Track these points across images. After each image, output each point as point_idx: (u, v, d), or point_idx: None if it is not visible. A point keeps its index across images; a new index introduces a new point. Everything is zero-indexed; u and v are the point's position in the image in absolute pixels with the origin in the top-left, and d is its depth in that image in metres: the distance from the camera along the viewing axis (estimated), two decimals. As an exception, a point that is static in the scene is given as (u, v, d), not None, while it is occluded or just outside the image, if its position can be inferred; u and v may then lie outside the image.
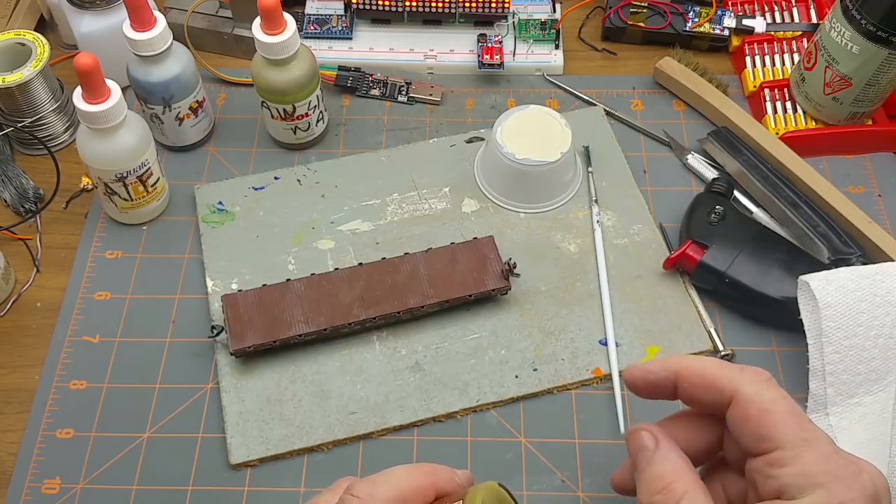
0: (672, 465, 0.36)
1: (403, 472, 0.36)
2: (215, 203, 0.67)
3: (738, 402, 0.35)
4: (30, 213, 0.68)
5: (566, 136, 0.65)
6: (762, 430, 0.34)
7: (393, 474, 0.36)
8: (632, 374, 0.41)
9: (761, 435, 0.34)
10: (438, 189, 0.68)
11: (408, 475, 0.36)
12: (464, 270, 0.61)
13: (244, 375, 0.59)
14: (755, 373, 0.36)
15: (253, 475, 0.56)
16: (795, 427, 0.34)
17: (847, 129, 0.70)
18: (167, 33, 0.64)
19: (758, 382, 0.35)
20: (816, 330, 0.55)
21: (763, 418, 0.34)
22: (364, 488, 0.35)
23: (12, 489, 0.55)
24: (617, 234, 0.65)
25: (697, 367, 0.37)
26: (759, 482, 0.34)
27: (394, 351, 0.60)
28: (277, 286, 0.60)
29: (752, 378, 0.36)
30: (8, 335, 0.62)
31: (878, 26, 0.61)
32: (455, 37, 0.78)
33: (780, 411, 0.34)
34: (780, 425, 0.34)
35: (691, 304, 0.62)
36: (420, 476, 0.36)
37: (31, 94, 0.69)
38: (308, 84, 0.66)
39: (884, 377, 0.55)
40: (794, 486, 0.32)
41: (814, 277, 0.55)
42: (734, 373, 0.36)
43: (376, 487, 0.35)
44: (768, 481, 0.33)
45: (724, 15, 0.77)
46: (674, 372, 0.38)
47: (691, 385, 0.37)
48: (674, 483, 0.35)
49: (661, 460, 0.36)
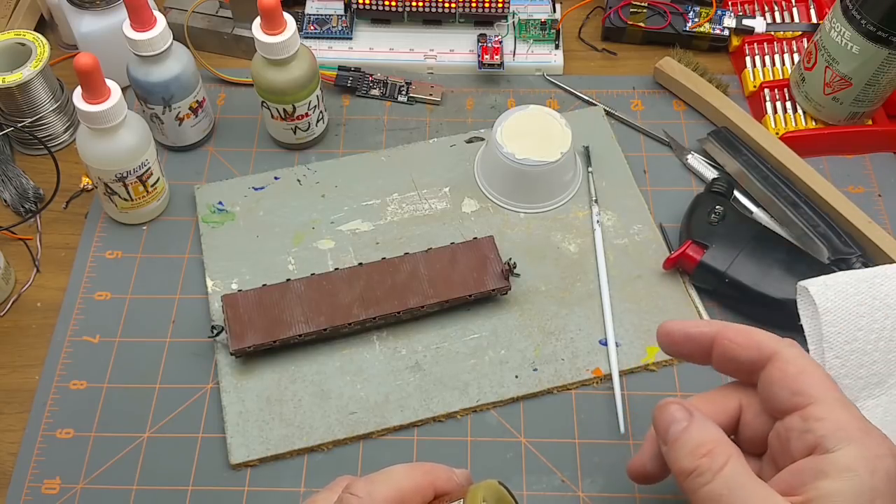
0: (711, 433, 0.37)
1: (402, 471, 0.36)
2: (215, 203, 0.67)
3: (777, 361, 0.37)
4: (30, 213, 0.68)
5: (566, 136, 0.65)
6: (800, 386, 0.36)
7: (392, 473, 0.36)
8: (669, 328, 0.42)
9: (799, 390, 0.36)
10: (438, 189, 0.68)
11: (406, 474, 0.36)
12: (464, 270, 0.61)
13: (244, 375, 0.59)
14: (791, 340, 0.39)
15: (253, 475, 0.56)
16: (830, 387, 0.36)
17: (847, 129, 0.70)
18: (167, 33, 0.64)
19: (796, 347, 0.38)
20: (817, 335, 0.55)
21: (801, 376, 0.36)
22: (363, 487, 0.35)
23: (12, 489, 0.55)
24: (617, 234, 0.65)
25: (741, 328, 0.40)
26: (793, 439, 0.35)
27: (394, 351, 0.60)
28: (277, 286, 0.60)
29: (790, 343, 0.38)
30: (8, 335, 0.62)
31: (878, 26, 0.61)
32: (455, 37, 0.78)
33: (817, 373, 0.36)
34: (817, 383, 0.36)
35: (691, 304, 0.62)
36: (419, 475, 0.36)
37: (31, 94, 0.69)
38: (308, 84, 0.66)
39: (885, 380, 0.55)
40: (830, 439, 0.34)
41: (813, 283, 0.55)
42: (775, 337, 0.38)
43: (375, 486, 0.35)
44: (804, 436, 0.35)
45: (724, 15, 0.77)
46: (715, 330, 0.39)
47: (732, 342, 0.39)
48: (716, 448, 0.36)
49: (699, 428, 0.37)
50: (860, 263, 0.61)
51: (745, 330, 0.39)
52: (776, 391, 0.36)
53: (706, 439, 0.37)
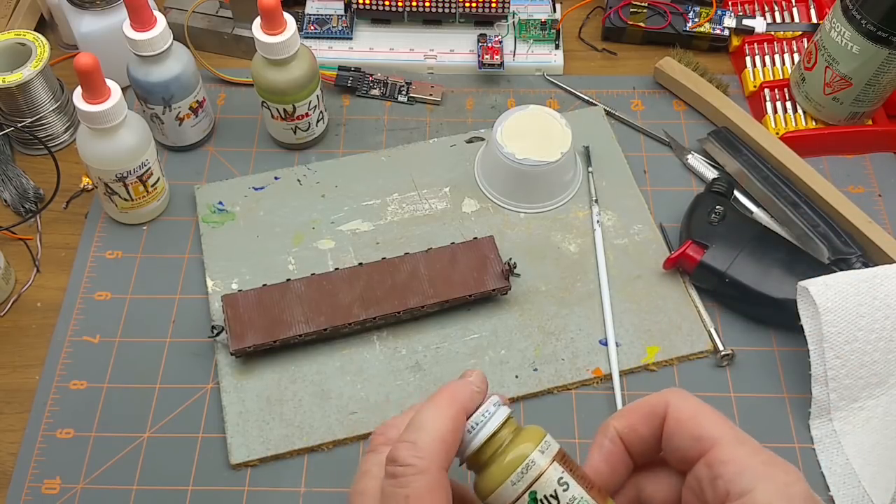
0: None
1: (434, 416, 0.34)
2: (215, 203, 0.67)
3: (670, 412, 0.36)
4: (30, 213, 0.68)
5: (566, 136, 0.65)
6: (697, 430, 0.35)
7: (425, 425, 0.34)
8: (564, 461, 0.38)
9: (697, 434, 0.35)
10: (438, 189, 0.68)
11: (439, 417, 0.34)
12: (464, 270, 0.61)
13: (244, 375, 0.59)
14: (677, 388, 0.37)
15: (253, 475, 0.56)
16: (726, 425, 0.35)
17: (847, 129, 0.70)
18: (167, 33, 0.64)
19: (682, 392, 0.37)
20: (817, 335, 0.55)
21: (696, 419, 0.35)
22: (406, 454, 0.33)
23: (12, 489, 0.55)
24: (617, 234, 0.65)
25: (626, 408, 0.38)
26: (706, 489, 0.34)
27: (394, 351, 0.60)
28: (277, 286, 0.60)
29: (676, 391, 0.37)
30: (8, 335, 0.62)
31: (878, 26, 0.61)
32: (455, 37, 0.78)
33: (709, 413, 0.36)
34: (712, 423, 0.35)
35: (691, 304, 0.62)
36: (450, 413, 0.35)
37: (31, 94, 0.69)
38: (308, 84, 0.66)
39: (885, 380, 0.55)
40: (739, 481, 0.33)
41: (813, 283, 0.55)
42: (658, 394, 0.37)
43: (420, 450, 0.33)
44: (714, 484, 0.34)
45: (724, 15, 0.77)
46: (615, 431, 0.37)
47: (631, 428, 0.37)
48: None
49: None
50: (860, 263, 0.61)
51: (630, 408, 0.38)
52: (677, 442, 0.35)
53: None
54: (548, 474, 0.34)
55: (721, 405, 0.58)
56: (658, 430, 0.36)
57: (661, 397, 0.37)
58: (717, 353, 0.60)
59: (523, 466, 0.34)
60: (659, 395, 0.37)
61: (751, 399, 0.58)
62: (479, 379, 0.37)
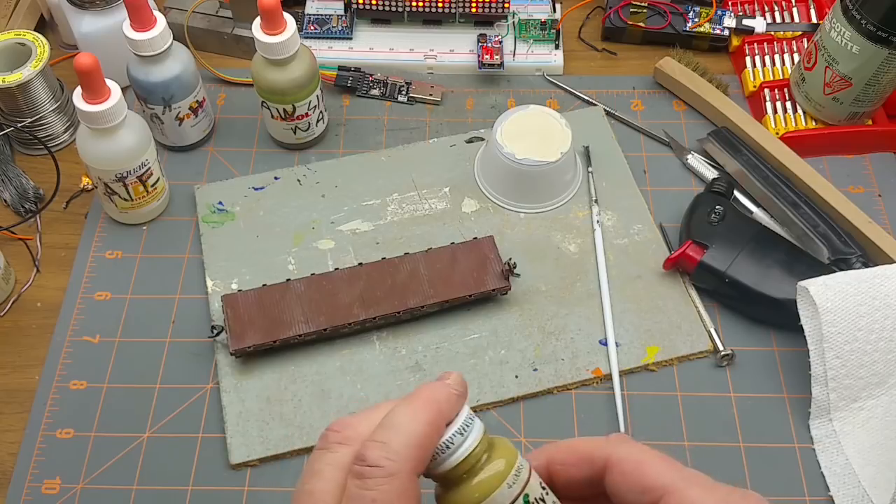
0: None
1: (409, 418, 0.32)
2: (215, 203, 0.67)
3: (612, 464, 0.34)
4: (30, 213, 0.68)
5: (566, 136, 0.65)
6: (644, 481, 0.33)
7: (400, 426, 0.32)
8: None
9: (644, 486, 0.33)
10: (438, 189, 0.68)
11: (415, 421, 0.32)
12: (464, 270, 0.61)
13: (244, 375, 0.59)
14: (619, 436, 0.36)
15: (253, 475, 0.56)
16: (672, 469, 0.34)
17: (847, 129, 0.70)
18: (167, 33, 0.64)
19: (626, 442, 0.35)
20: (817, 335, 0.55)
21: (640, 469, 0.34)
22: (377, 455, 0.31)
23: (12, 489, 0.55)
24: (617, 234, 0.65)
25: (566, 445, 0.36)
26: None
27: (394, 351, 0.60)
28: (277, 286, 0.60)
29: (619, 440, 0.35)
30: (8, 335, 0.62)
31: (878, 26, 0.61)
32: (455, 37, 0.78)
33: (653, 460, 0.34)
34: (659, 472, 0.34)
35: (691, 304, 0.62)
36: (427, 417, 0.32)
37: (31, 94, 0.69)
38: (308, 84, 0.66)
39: (885, 380, 0.55)
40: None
41: (813, 283, 0.55)
42: (602, 441, 0.36)
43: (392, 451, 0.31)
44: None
45: (724, 15, 0.77)
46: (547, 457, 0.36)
47: (564, 465, 0.36)
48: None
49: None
50: (860, 263, 0.61)
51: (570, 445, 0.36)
52: (625, 495, 0.34)
53: None
54: (532, 478, 0.34)
55: (721, 405, 0.58)
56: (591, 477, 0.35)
57: (601, 448, 0.35)
58: (717, 353, 0.60)
59: (517, 469, 0.34)
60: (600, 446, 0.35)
61: (751, 399, 0.58)
62: (457, 382, 0.35)
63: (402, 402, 0.33)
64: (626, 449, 0.35)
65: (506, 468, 0.34)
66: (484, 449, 0.34)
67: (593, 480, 0.35)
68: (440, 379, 0.35)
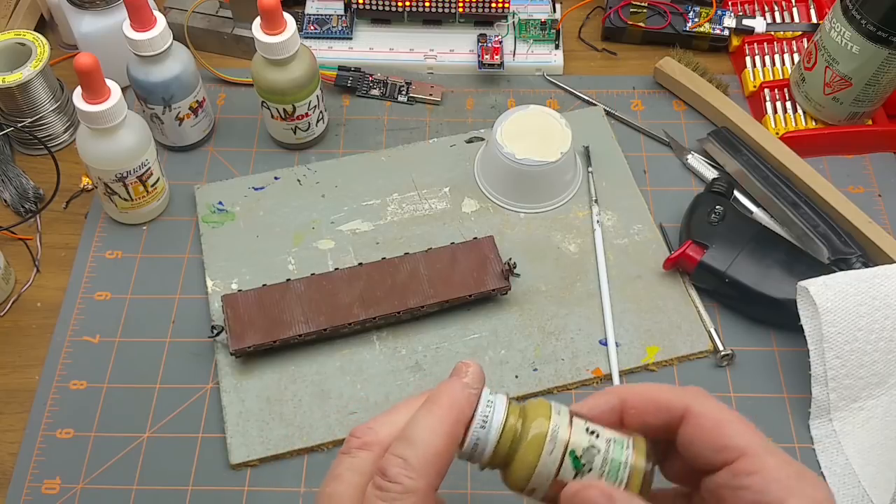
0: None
1: (429, 430, 0.33)
2: (215, 203, 0.67)
3: (690, 417, 0.34)
4: (30, 213, 0.68)
5: (566, 136, 0.65)
6: (722, 441, 0.33)
7: (419, 440, 0.33)
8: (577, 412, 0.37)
9: (722, 445, 0.33)
10: (438, 189, 0.68)
11: (435, 433, 0.33)
12: (464, 270, 0.61)
13: (244, 375, 0.59)
14: (698, 389, 0.35)
15: (253, 475, 0.56)
16: (754, 434, 0.33)
17: (847, 129, 0.70)
18: (167, 33, 0.64)
19: (704, 396, 0.35)
20: (817, 335, 0.55)
21: (721, 428, 0.33)
22: (397, 472, 0.32)
23: (12, 489, 0.55)
24: (617, 234, 0.65)
25: (643, 390, 0.36)
26: (728, 497, 0.33)
27: (394, 351, 0.60)
28: (277, 286, 0.60)
29: (697, 392, 0.35)
30: (8, 335, 0.62)
31: (878, 26, 0.61)
32: (455, 37, 0.78)
33: (734, 420, 0.34)
34: (739, 433, 0.33)
35: (691, 304, 0.62)
36: (446, 429, 0.33)
37: (31, 94, 0.69)
38: (308, 84, 0.66)
39: (885, 380, 0.55)
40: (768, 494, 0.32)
41: (813, 283, 0.55)
42: (680, 391, 0.35)
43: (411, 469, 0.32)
44: (739, 494, 0.32)
45: (724, 15, 0.77)
46: (620, 399, 0.36)
47: (639, 410, 0.36)
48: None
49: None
50: (860, 263, 0.61)
51: (647, 391, 0.36)
52: (698, 450, 0.34)
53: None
54: (575, 430, 0.34)
55: (721, 405, 0.58)
56: (666, 424, 0.35)
57: (680, 398, 0.35)
58: (717, 354, 0.60)
59: (551, 433, 0.34)
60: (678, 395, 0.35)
61: (751, 399, 0.58)
62: (475, 379, 0.36)
63: (423, 409, 0.34)
64: (706, 404, 0.35)
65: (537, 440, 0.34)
66: (513, 430, 0.34)
67: (668, 429, 0.35)
68: (457, 373, 0.36)
